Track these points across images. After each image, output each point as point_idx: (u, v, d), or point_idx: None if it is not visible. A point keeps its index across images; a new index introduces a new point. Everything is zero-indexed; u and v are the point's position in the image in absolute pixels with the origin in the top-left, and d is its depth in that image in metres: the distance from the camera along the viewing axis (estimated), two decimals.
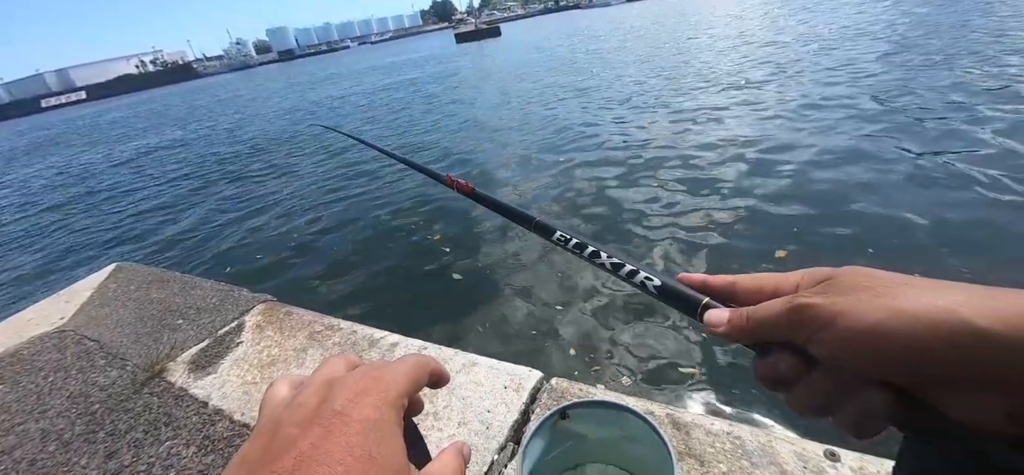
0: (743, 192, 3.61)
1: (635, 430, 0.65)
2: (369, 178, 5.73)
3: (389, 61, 33.08)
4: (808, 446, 0.92)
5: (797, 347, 0.26)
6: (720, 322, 0.29)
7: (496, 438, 1.07)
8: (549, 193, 4.37)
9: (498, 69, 16.68)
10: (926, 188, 3.23)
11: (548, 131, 6.59)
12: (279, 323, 1.72)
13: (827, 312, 0.23)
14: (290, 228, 4.66)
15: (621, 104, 7.46)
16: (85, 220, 6.61)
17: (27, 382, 1.66)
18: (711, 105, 6.35)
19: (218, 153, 9.67)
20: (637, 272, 0.33)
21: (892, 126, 4.41)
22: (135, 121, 22.80)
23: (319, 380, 0.25)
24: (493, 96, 10.73)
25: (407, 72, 21.53)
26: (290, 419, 0.22)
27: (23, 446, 1.36)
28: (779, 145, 4.44)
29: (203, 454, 1.22)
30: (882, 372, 0.22)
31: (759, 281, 0.30)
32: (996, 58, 5.98)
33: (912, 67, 6.39)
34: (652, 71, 9.96)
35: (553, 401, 1.14)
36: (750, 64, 8.80)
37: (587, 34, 25.44)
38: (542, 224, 0.41)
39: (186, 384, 1.50)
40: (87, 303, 2.20)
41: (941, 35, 8.08)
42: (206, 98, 30.19)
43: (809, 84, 6.53)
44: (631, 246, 3.22)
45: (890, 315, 0.22)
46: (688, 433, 0.99)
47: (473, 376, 1.26)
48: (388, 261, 3.60)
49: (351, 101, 14.88)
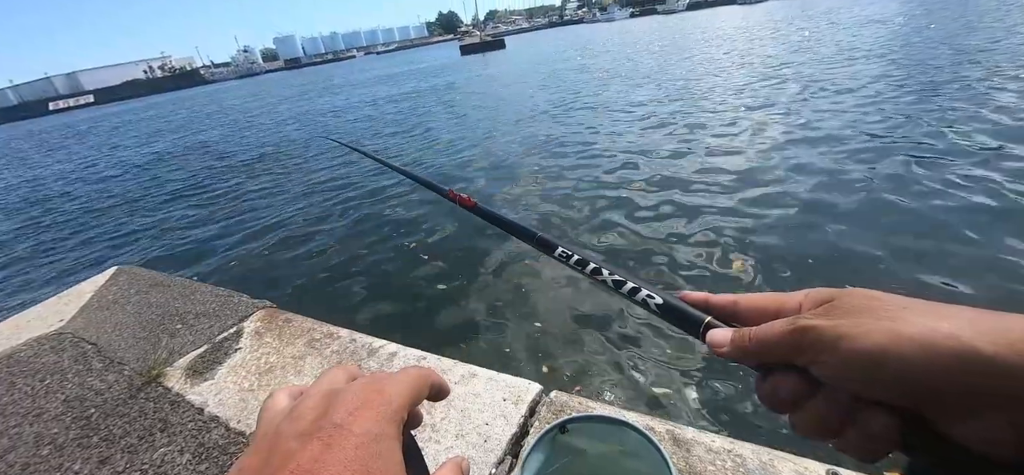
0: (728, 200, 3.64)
1: (635, 446, 0.64)
2: (372, 189, 5.75)
3: (395, 71, 33.50)
4: (810, 465, 0.91)
5: (800, 369, 0.25)
6: (723, 342, 0.28)
7: (494, 451, 1.06)
8: (548, 205, 4.39)
9: (502, 80, 16.86)
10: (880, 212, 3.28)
11: (546, 141, 6.64)
12: (278, 330, 1.71)
13: (830, 335, 0.23)
14: (291, 235, 4.67)
15: (615, 113, 7.56)
16: (87, 222, 6.63)
17: (23, 384, 1.65)
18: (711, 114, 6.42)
19: (223, 159, 9.73)
20: (639, 289, 0.33)
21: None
22: (140, 125, 23.01)
23: (319, 391, 0.24)
24: (496, 106, 10.83)
25: (413, 82, 21.76)
26: (289, 431, 0.22)
27: (16, 449, 1.35)
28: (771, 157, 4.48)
29: (197, 462, 1.21)
30: (885, 395, 0.22)
31: (761, 301, 0.30)
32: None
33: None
34: (654, 82, 10.08)
35: (552, 415, 1.13)
36: (737, 82, 8.89)
37: (590, 49, 25.73)
38: (544, 240, 0.40)
39: (183, 390, 1.49)
40: (86, 306, 2.19)
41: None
42: (212, 104, 30.49)
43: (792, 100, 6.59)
44: (618, 254, 3.26)
45: (892, 339, 0.22)
46: (688, 450, 0.98)
47: (472, 388, 1.25)
48: (388, 270, 3.60)
49: (355, 110, 15.00)
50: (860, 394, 0.23)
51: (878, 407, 0.23)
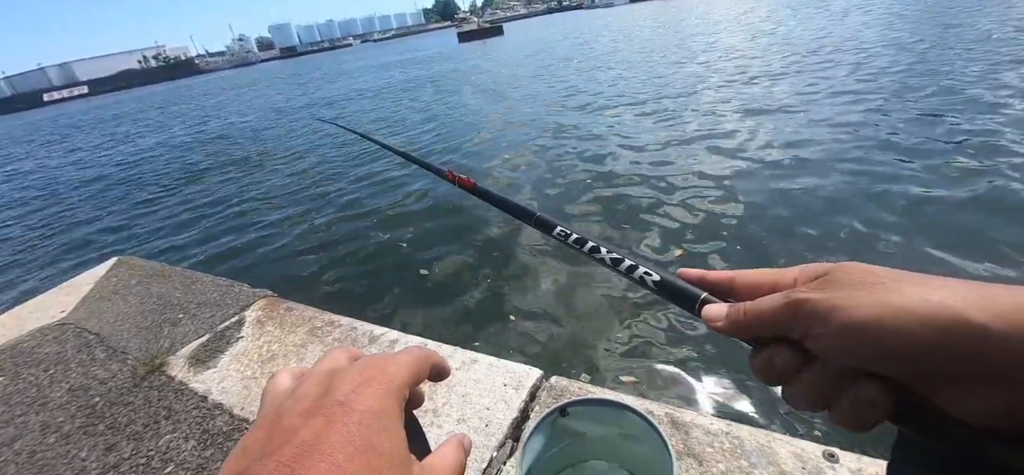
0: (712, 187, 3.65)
1: (635, 429, 0.65)
2: (371, 174, 5.73)
3: (392, 59, 33.13)
4: (807, 447, 0.92)
5: (793, 342, 0.26)
6: (718, 317, 0.29)
7: (495, 435, 1.07)
8: (546, 186, 4.39)
9: (501, 66, 16.70)
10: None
11: (545, 127, 6.61)
12: (279, 318, 1.72)
13: (823, 307, 0.24)
14: (292, 224, 4.66)
15: (608, 101, 7.51)
16: (86, 214, 6.62)
17: (27, 374, 1.66)
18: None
19: (221, 149, 9.68)
20: (636, 267, 0.33)
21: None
22: (137, 115, 22.84)
23: (321, 371, 0.25)
24: (493, 92, 10.75)
25: (411, 70, 21.55)
26: (292, 409, 0.22)
27: (23, 437, 1.37)
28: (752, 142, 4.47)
29: (202, 448, 1.22)
30: (877, 366, 0.23)
31: (757, 276, 0.30)
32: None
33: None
34: (644, 71, 9.99)
35: (553, 399, 1.14)
36: (728, 69, 8.81)
37: (588, 36, 25.43)
38: (542, 219, 0.40)
39: (186, 378, 1.50)
40: (88, 296, 2.20)
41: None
42: (209, 94, 30.22)
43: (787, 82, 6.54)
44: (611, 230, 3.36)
45: (885, 310, 0.22)
46: (687, 432, 0.99)
47: (473, 373, 1.26)
48: (388, 257, 3.61)
49: (354, 99, 14.89)
50: (853, 365, 0.23)
51: (870, 378, 0.23)
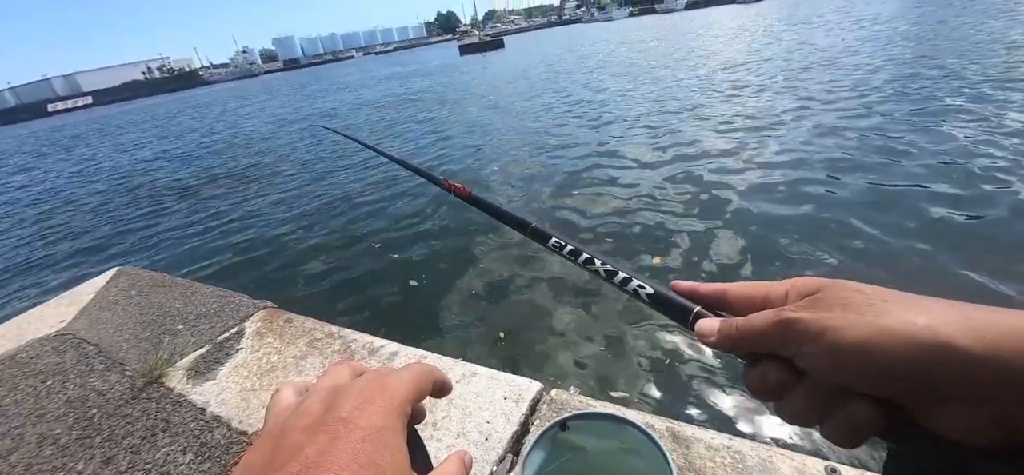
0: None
1: (635, 443, 0.65)
2: (371, 186, 5.76)
3: (394, 70, 33.46)
4: (809, 462, 0.91)
5: (785, 358, 0.26)
6: (710, 332, 0.29)
7: (495, 449, 1.06)
8: (541, 197, 4.41)
9: (500, 78, 16.86)
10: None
11: (541, 138, 6.65)
12: (279, 330, 1.72)
13: (814, 328, 0.24)
14: (291, 235, 4.67)
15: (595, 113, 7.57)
16: (87, 225, 6.63)
17: (25, 385, 1.65)
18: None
19: (222, 159, 9.73)
20: (630, 279, 0.33)
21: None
22: (140, 126, 22.99)
23: (325, 387, 0.25)
24: (492, 103, 10.83)
25: (412, 83, 21.74)
26: (296, 425, 0.22)
27: (19, 450, 1.35)
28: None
29: (200, 461, 1.21)
30: (867, 387, 0.23)
31: (749, 289, 0.30)
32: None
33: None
34: (638, 85, 10.09)
35: (553, 412, 1.14)
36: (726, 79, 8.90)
37: (588, 49, 25.71)
38: (537, 230, 0.40)
39: (185, 390, 1.50)
40: (88, 307, 2.20)
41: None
42: (211, 104, 30.46)
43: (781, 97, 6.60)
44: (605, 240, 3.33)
45: (874, 332, 0.22)
46: (688, 447, 0.99)
47: (472, 386, 1.25)
48: (387, 268, 3.61)
49: (356, 112, 15.00)
50: (843, 385, 0.24)
51: (861, 398, 0.23)
